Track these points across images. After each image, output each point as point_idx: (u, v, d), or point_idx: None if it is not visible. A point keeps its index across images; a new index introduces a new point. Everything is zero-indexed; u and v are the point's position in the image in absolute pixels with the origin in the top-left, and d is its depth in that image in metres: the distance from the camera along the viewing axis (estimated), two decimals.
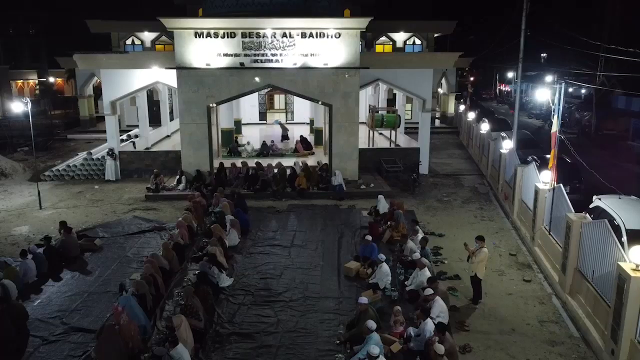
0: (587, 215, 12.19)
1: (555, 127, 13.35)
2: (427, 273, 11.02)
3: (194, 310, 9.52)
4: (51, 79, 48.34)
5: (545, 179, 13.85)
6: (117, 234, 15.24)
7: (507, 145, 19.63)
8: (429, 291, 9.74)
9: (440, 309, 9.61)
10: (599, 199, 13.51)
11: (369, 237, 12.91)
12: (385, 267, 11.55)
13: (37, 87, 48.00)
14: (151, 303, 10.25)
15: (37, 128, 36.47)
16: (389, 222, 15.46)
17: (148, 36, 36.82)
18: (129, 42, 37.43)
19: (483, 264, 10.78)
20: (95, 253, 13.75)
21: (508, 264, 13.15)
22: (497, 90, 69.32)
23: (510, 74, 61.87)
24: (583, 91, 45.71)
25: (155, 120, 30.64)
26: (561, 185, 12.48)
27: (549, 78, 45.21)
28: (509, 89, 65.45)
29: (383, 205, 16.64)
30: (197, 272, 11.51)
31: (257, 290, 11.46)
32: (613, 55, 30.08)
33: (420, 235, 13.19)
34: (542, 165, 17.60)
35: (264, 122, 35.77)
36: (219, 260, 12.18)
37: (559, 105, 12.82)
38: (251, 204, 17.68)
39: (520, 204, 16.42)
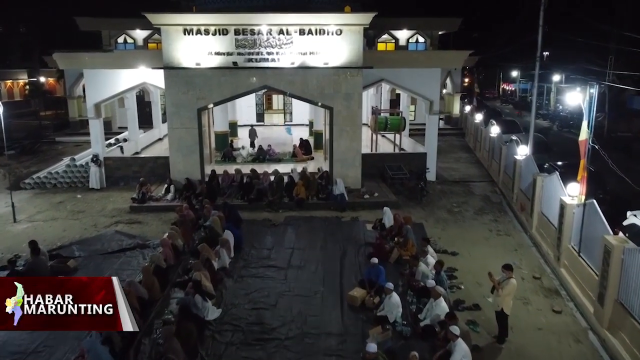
0: (622, 234, 10.76)
1: (584, 134, 11.88)
2: (443, 304, 9.54)
3: (171, 357, 8.02)
4: (42, 79, 46.67)
5: (572, 192, 12.37)
6: (96, 252, 13.71)
7: (522, 151, 18.17)
8: (455, 329, 8.21)
9: (462, 354, 8.12)
10: (635, 215, 12.05)
11: (375, 260, 11.41)
12: (395, 297, 10.06)
13: (27, 87, 46.30)
14: (120, 344, 8.71)
15: (25, 130, 35.20)
16: (396, 239, 14.00)
17: (140, 34, 35.32)
18: (120, 40, 35.95)
19: (511, 297, 9.27)
20: (68, 276, 12.24)
21: (533, 290, 11.65)
22: (501, 90, 67.76)
23: (514, 73, 60.36)
24: (592, 90, 44.18)
25: (147, 121, 29.24)
26: (594, 201, 10.99)
27: (556, 77, 43.69)
28: (513, 88, 63.95)
29: (389, 218, 15.17)
30: (179, 303, 10.05)
31: (248, 325, 9.95)
32: (627, 47, 28.64)
33: (433, 259, 11.72)
34: (562, 173, 16.21)
35: (262, 123, 34.40)
36: (205, 287, 10.68)
37: (589, 110, 11.36)
38: (245, 216, 16.19)
39: (540, 217, 14.93)
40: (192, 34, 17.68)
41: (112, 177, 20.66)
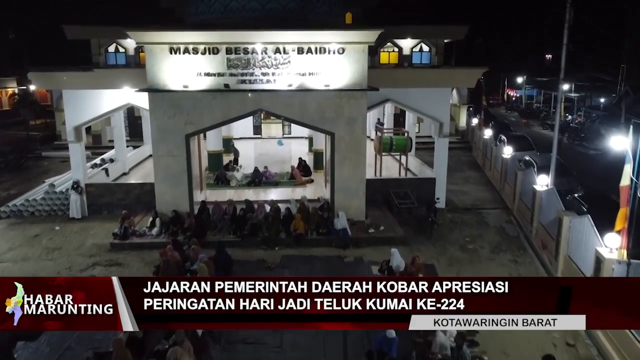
0: None
1: (626, 180, 10.28)
2: None
3: None
4: (32, 87, 45.02)
5: (611, 243, 10.77)
6: None
7: (542, 180, 16.58)
8: None
9: None
10: None
11: (393, 333, 9.71)
12: None
13: (16, 95, 44.67)
14: None
15: (11, 142, 33.56)
16: None
17: (131, 43, 33.42)
18: (111, 49, 34.34)
19: None
20: (30, 342, 10.63)
21: None
22: (505, 96, 66.09)
23: (519, 79, 58.72)
24: (602, 100, 42.53)
25: (138, 134, 27.88)
26: None
27: (566, 86, 42.01)
28: (518, 95, 62.30)
29: (397, 261, 13.57)
30: None
31: None
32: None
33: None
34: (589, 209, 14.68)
35: (259, 136, 32.82)
36: None
37: (637, 155, 9.77)
38: (237, 255, 14.64)
39: (567, 261, 13.34)
40: (180, 53, 16.05)
41: (95, 204, 19.03)
